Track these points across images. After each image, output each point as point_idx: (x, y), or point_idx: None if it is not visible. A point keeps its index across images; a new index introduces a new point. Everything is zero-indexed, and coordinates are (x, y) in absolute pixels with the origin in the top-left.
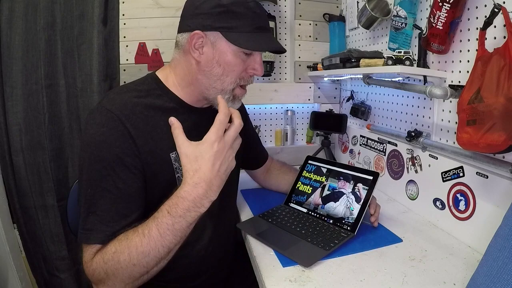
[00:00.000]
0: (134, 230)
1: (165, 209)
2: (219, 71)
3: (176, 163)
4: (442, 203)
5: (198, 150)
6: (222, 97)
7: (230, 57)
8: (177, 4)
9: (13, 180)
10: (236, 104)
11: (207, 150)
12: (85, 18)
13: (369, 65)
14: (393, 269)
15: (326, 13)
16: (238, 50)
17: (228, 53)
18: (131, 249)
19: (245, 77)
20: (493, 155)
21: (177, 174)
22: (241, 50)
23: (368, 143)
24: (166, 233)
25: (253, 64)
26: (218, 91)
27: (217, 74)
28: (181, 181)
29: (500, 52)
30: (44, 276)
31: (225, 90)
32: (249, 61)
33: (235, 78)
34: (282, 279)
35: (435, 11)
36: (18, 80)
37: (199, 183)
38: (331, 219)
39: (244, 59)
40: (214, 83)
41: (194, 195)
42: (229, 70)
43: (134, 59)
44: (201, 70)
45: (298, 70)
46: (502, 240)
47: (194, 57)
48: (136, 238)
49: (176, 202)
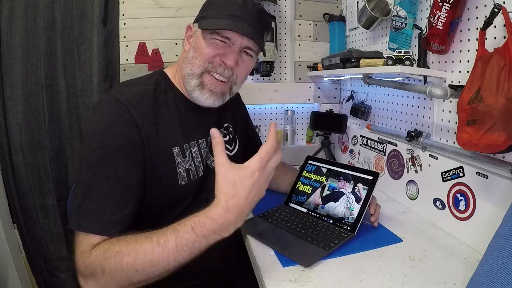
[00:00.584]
0: (147, 236)
1: (190, 225)
2: (192, 54)
3: (178, 158)
4: (442, 203)
5: (238, 176)
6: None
7: (201, 41)
8: (177, 4)
9: (13, 180)
10: (204, 93)
11: (247, 178)
12: (85, 18)
13: (369, 65)
14: (393, 269)
15: (326, 13)
16: (209, 36)
17: (200, 38)
18: (138, 254)
19: (215, 63)
20: (493, 155)
21: (178, 169)
22: (214, 37)
23: (368, 143)
24: (183, 249)
25: (228, 54)
26: (189, 76)
27: (190, 57)
28: (183, 178)
29: (500, 52)
30: (44, 276)
31: (193, 75)
32: (224, 49)
33: (203, 61)
34: (282, 279)
35: (435, 11)
36: (18, 80)
37: (232, 209)
38: (331, 219)
39: (219, 45)
40: (187, 67)
41: (224, 220)
42: (199, 53)
43: (134, 59)
44: (185, 58)
45: (298, 70)
46: (502, 240)
47: (185, 48)
48: (148, 245)
49: (204, 222)
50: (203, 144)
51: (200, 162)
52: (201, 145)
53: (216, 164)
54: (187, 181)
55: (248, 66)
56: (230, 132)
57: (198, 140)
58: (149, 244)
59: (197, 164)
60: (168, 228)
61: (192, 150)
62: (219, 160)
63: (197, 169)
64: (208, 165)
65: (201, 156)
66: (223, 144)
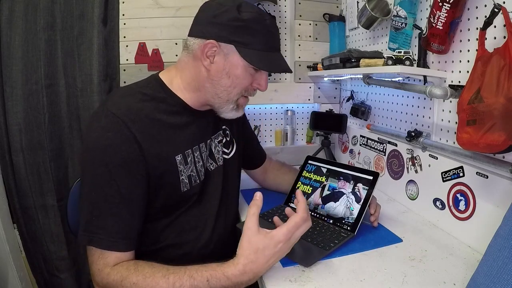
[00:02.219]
0: (164, 275)
1: (206, 277)
2: (228, 83)
3: (181, 166)
4: (442, 203)
5: (262, 243)
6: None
7: (240, 71)
8: (177, 4)
9: (13, 180)
10: (239, 112)
11: (271, 248)
12: (85, 18)
13: (369, 65)
14: (393, 269)
15: (326, 13)
16: (248, 65)
17: (239, 67)
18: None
19: (249, 90)
20: (493, 155)
21: (181, 177)
22: (251, 66)
23: (368, 143)
24: None
25: (260, 80)
26: (224, 101)
27: (225, 85)
28: (185, 184)
29: (500, 52)
30: (44, 276)
31: (230, 101)
32: (256, 76)
33: (241, 90)
34: (282, 279)
35: (435, 11)
36: (18, 80)
37: (248, 273)
38: (331, 219)
39: (252, 73)
40: (221, 93)
41: (238, 280)
42: (237, 83)
43: (134, 59)
44: (210, 79)
45: (298, 70)
46: (502, 240)
47: (204, 64)
48: (164, 284)
49: (219, 277)
50: (203, 148)
51: (202, 166)
52: (201, 149)
53: (245, 227)
54: (189, 187)
55: None
56: (227, 135)
57: (199, 144)
58: (165, 285)
59: (199, 169)
60: (186, 272)
61: (194, 155)
62: (249, 223)
63: (198, 174)
64: (207, 169)
65: (202, 161)
66: (259, 208)
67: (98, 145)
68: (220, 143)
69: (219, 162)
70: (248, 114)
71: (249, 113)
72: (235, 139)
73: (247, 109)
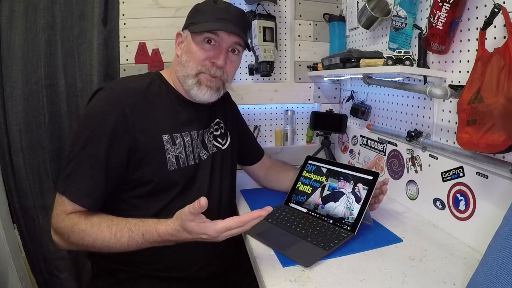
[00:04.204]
0: (108, 226)
1: (142, 231)
2: (185, 58)
3: (167, 145)
4: (442, 203)
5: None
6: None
7: (193, 46)
8: (177, 4)
9: (13, 180)
10: (203, 90)
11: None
12: (85, 18)
13: (369, 65)
14: (393, 269)
15: (326, 13)
16: (199, 39)
17: (191, 43)
18: (98, 238)
19: (207, 65)
20: (493, 155)
21: (167, 155)
22: (202, 39)
23: (368, 143)
24: (132, 246)
25: (215, 54)
26: (185, 77)
27: (184, 61)
28: (172, 163)
29: (500, 52)
30: (44, 276)
31: (189, 76)
32: (212, 52)
33: (196, 64)
34: (282, 279)
35: (435, 11)
36: (18, 80)
37: (174, 236)
38: (331, 219)
39: (208, 48)
40: (182, 70)
41: (167, 239)
42: (191, 57)
43: (134, 59)
44: (178, 62)
45: (298, 70)
46: (502, 240)
47: (177, 53)
48: (107, 234)
49: (152, 233)
50: (195, 136)
51: (191, 152)
52: (193, 136)
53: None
54: (176, 167)
55: (236, 64)
56: (221, 127)
57: (190, 131)
58: (107, 234)
59: (188, 153)
60: (126, 225)
61: (184, 140)
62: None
63: (187, 158)
64: (200, 157)
65: (193, 147)
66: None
67: (90, 111)
68: (212, 134)
69: (211, 150)
70: (248, 114)
71: (249, 113)
72: (229, 131)
73: (247, 109)
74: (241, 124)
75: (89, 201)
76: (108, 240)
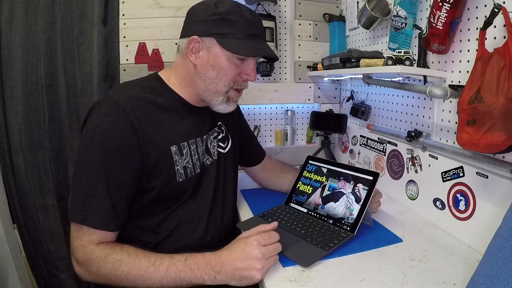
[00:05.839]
0: (147, 255)
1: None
2: (213, 74)
3: (176, 156)
4: (442, 203)
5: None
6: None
7: (223, 62)
8: (177, 4)
9: (13, 180)
10: (230, 105)
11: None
12: (85, 18)
13: (369, 65)
14: (393, 269)
15: (326, 13)
16: (231, 55)
17: (221, 58)
18: (134, 266)
19: (238, 81)
20: (493, 155)
21: (176, 167)
22: (234, 56)
23: (368, 143)
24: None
25: (246, 70)
26: (213, 93)
27: (211, 77)
28: (181, 175)
29: (500, 52)
30: (44, 276)
31: (219, 92)
32: (243, 67)
33: (228, 82)
34: (282, 279)
35: (435, 11)
36: (18, 80)
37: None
38: (331, 219)
39: (238, 64)
40: (209, 86)
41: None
42: (222, 74)
43: (134, 59)
44: (197, 73)
45: (298, 70)
46: (502, 240)
47: (191, 60)
48: (145, 263)
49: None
50: (200, 143)
51: (197, 160)
52: (198, 143)
53: (242, 235)
54: (185, 178)
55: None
56: (222, 131)
57: (196, 138)
58: (146, 262)
59: (195, 162)
60: (167, 254)
61: (191, 148)
62: (245, 234)
63: (194, 166)
64: (204, 163)
65: (198, 154)
66: (266, 229)
67: (98, 129)
68: (216, 138)
69: (214, 156)
70: (248, 114)
71: (249, 113)
72: (230, 134)
73: (247, 109)
74: (244, 126)
75: (113, 224)
76: (145, 269)
